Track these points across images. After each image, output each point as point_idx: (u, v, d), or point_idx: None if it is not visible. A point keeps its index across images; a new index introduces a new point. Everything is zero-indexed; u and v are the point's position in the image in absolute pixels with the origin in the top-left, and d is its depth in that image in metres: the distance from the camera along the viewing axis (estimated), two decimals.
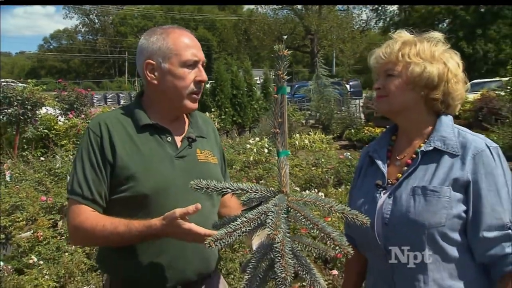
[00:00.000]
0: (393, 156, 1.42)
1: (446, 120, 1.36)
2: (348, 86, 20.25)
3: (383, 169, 1.39)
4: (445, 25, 36.36)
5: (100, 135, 1.46)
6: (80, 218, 1.41)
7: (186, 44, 1.49)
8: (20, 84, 9.11)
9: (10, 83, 10.39)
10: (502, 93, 10.42)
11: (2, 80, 11.52)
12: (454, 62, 1.36)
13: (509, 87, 10.61)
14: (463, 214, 1.25)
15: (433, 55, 1.34)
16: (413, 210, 1.26)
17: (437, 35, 1.39)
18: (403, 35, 1.40)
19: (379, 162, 1.41)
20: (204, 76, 1.52)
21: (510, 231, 1.23)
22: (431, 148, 1.31)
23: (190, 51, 1.48)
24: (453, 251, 1.26)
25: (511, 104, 9.16)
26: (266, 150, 8.07)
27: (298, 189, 5.35)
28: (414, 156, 1.35)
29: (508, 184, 1.27)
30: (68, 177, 5.56)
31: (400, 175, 1.35)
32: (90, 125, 1.51)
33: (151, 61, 1.48)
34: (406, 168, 1.35)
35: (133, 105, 1.57)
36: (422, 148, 1.33)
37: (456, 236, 1.26)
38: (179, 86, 1.48)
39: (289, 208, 1.05)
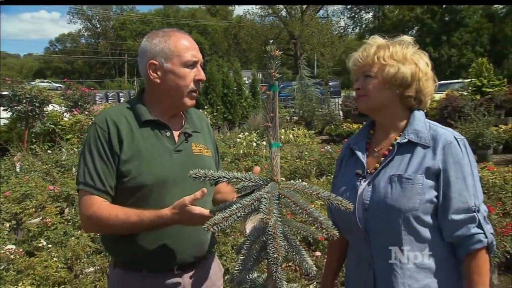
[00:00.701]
0: (372, 148, 1.43)
1: (419, 115, 1.37)
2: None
3: (363, 160, 1.39)
4: (414, 31, 36.61)
5: (107, 130, 1.42)
6: (93, 208, 1.37)
7: (186, 46, 1.47)
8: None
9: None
10: (465, 93, 10.57)
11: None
12: (423, 62, 1.37)
13: (470, 88, 10.77)
14: (435, 199, 1.27)
15: (405, 57, 1.35)
16: (390, 196, 1.27)
17: (407, 38, 1.40)
18: (377, 40, 1.41)
19: (359, 153, 1.41)
20: (202, 75, 1.50)
21: (475, 213, 1.25)
22: (405, 140, 1.32)
23: (190, 52, 1.47)
24: (425, 232, 1.28)
25: (472, 102, 9.30)
26: (254, 144, 8.06)
27: (283, 179, 5.35)
28: (390, 148, 1.36)
29: (473, 172, 1.29)
30: (74, 169, 5.48)
31: (378, 165, 1.35)
32: (96, 121, 1.46)
33: (154, 62, 1.45)
34: (383, 158, 1.36)
35: (134, 101, 1.53)
36: (398, 141, 1.34)
37: (428, 219, 1.27)
38: (180, 85, 1.46)
39: (280, 195, 1.05)
